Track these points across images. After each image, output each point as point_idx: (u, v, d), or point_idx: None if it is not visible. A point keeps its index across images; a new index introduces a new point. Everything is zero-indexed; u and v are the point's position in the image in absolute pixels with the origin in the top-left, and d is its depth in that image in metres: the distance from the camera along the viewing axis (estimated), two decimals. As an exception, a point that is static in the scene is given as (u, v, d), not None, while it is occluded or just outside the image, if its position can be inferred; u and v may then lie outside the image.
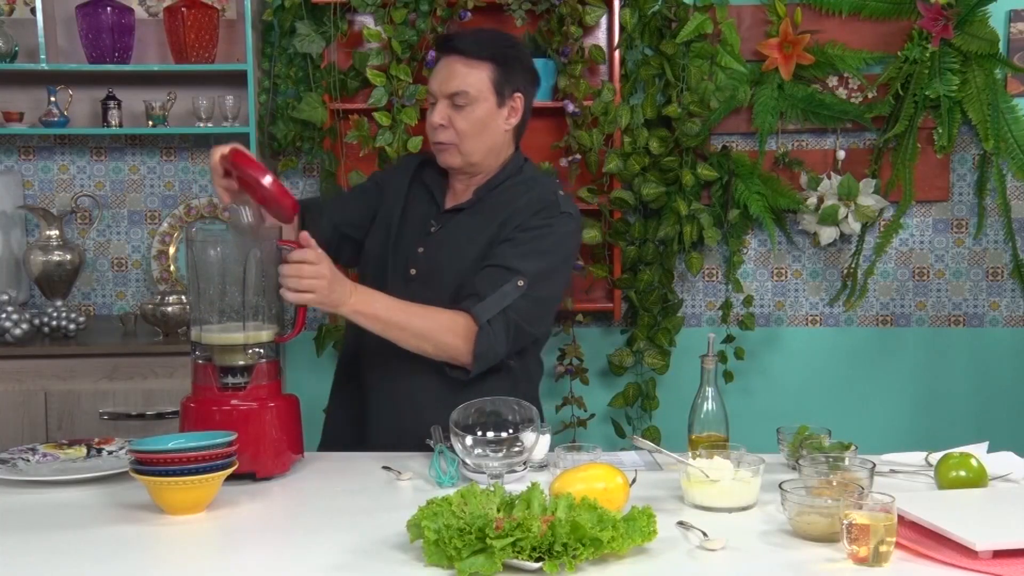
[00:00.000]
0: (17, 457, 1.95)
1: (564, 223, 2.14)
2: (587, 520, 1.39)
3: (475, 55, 2.12)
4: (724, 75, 3.45)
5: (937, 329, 3.67)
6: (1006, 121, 3.49)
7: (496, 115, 2.14)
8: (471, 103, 2.11)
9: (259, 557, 1.51)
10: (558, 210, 2.13)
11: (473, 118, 2.12)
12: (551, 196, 2.16)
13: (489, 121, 2.14)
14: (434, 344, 2.03)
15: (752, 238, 3.65)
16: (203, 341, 1.85)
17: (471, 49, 2.12)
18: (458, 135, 2.13)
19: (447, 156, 2.16)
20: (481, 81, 2.12)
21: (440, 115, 2.12)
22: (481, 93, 2.12)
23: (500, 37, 2.22)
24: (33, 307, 3.49)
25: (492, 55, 2.13)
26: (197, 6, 3.38)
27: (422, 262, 2.16)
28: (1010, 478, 1.79)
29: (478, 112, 2.12)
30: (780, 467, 1.88)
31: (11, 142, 3.58)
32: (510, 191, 2.18)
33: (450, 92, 2.12)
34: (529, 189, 2.18)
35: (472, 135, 2.13)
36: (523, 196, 2.16)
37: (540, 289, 2.08)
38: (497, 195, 2.18)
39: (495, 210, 2.16)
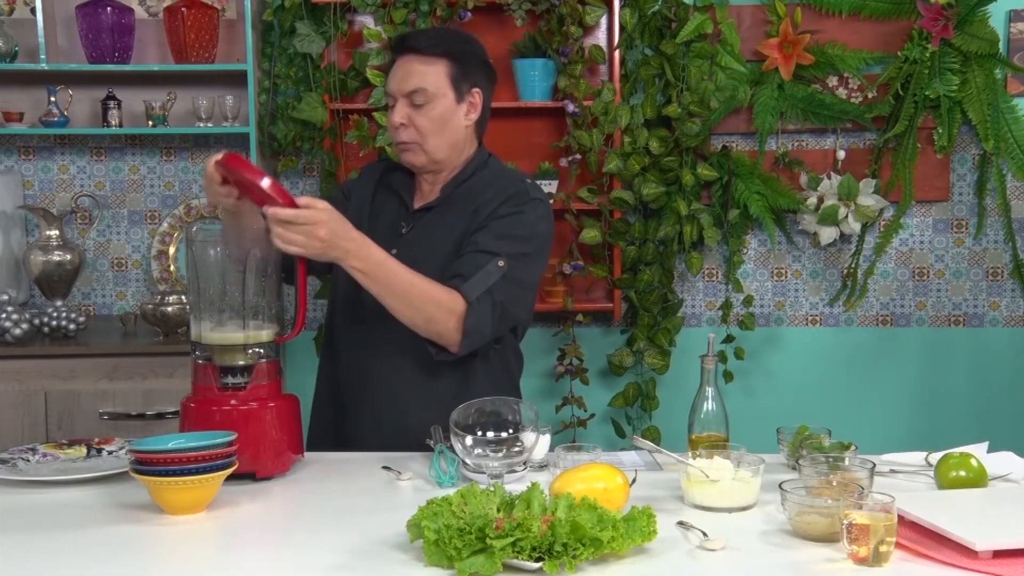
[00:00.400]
0: (17, 457, 1.95)
1: (535, 208, 2.15)
2: (587, 520, 1.39)
3: (431, 52, 2.12)
4: (724, 75, 3.45)
5: (937, 329, 3.67)
6: (1006, 121, 3.49)
7: (455, 111, 2.15)
8: (430, 100, 2.12)
9: (259, 557, 1.51)
10: (528, 196, 2.15)
11: (433, 115, 2.12)
12: (519, 185, 2.18)
13: (449, 117, 2.14)
14: (426, 317, 2.00)
15: (752, 238, 3.65)
16: (203, 341, 1.85)
17: (426, 46, 2.13)
18: (419, 133, 2.13)
19: (411, 156, 2.16)
20: (438, 78, 2.12)
21: (400, 114, 2.13)
22: (439, 90, 2.12)
23: (455, 34, 2.24)
24: (33, 307, 3.49)
25: (447, 51, 2.13)
26: (197, 6, 3.38)
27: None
28: (1010, 478, 1.79)
29: (437, 109, 2.12)
30: (780, 467, 1.88)
31: (11, 142, 3.58)
32: (477, 186, 2.19)
33: (408, 91, 2.12)
34: (496, 181, 2.19)
35: (433, 132, 2.13)
36: (490, 188, 2.17)
37: (519, 271, 2.09)
38: (464, 191, 2.19)
39: (464, 205, 2.16)
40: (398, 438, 2.08)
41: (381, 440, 2.10)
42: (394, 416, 2.14)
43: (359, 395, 2.18)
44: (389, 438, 2.10)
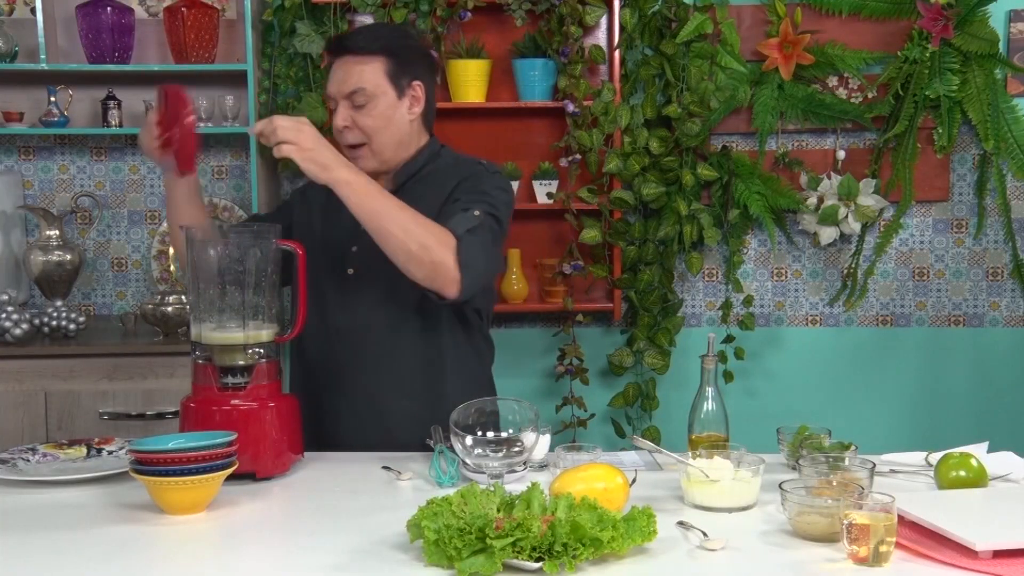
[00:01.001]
0: (17, 457, 1.95)
1: (493, 179, 2.16)
2: (587, 520, 1.39)
3: (366, 51, 2.11)
4: (724, 75, 3.45)
5: (937, 329, 3.67)
6: (1006, 121, 3.49)
7: (397, 107, 2.13)
8: (370, 100, 2.10)
9: (259, 557, 1.51)
10: (486, 172, 2.16)
11: (375, 114, 2.11)
12: (475, 167, 2.18)
13: (392, 114, 2.13)
14: (420, 243, 1.94)
15: (752, 238, 3.65)
16: (203, 341, 1.85)
17: (361, 45, 2.11)
18: (364, 134, 2.12)
19: (360, 161, 2.13)
20: (376, 75, 2.11)
21: (342, 117, 2.12)
22: (378, 87, 2.11)
23: (390, 29, 2.22)
24: (33, 307, 3.49)
25: (383, 48, 2.12)
26: (197, 6, 3.38)
27: (358, 260, 2.14)
28: (1010, 478, 1.79)
29: (379, 107, 2.11)
30: (780, 467, 1.88)
31: (11, 142, 3.58)
32: (432, 177, 2.18)
33: (347, 92, 2.10)
34: (452, 169, 2.19)
35: (378, 131, 2.12)
36: (448, 177, 2.16)
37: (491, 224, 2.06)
38: (419, 182, 2.17)
39: (422, 195, 2.11)
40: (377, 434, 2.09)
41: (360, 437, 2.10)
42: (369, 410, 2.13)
43: (332, 392, 2.17)
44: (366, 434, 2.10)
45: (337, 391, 2.16)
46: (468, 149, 3.45)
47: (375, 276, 2.11)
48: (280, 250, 1.92)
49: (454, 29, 3.43)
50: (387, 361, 2.13)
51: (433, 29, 3.35)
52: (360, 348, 2.14)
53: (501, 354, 3.64)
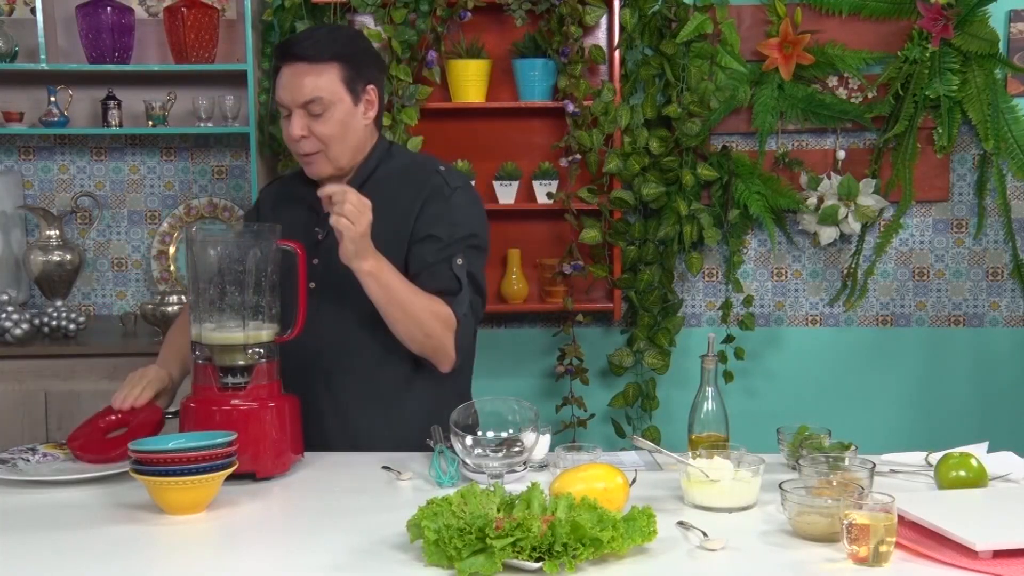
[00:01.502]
0: (17, 457, 1.94)
1: (461, 196, 2.14)
2: (587, 520, 1.39)
3: (320, 58, 2.05)
4: (724, 75, 3.45)
5: (937, 329, 3.67)
6: (1006, 121, 3.49)
7: (354, 113, 2.09)
8: (327, 108, 2.05)
9: (259, 557, 1.51)
10: (448, 187, 2.13)
11: (333, 122, 2.07)
12: (434, 177, 2.14)
13: (349, 121, 2.09)
14: (426, 331, 2.02)
15: (752, 238, 3.65)
16: (203, 341, 1.85)
17: (314, 53, 2.05)
18: (322, 142, 2.08)
19: (317, 167, 2.11)
20: (332, 83, 2.06)
21: (299, 127, 2.06)
22: (335, 95, 2.06)
23: (341, 33, 2.15)
24: (33, 307, 3.49)
25: (337, 54, 2.06)
26: (197, 6, 3.38)
27: (320, 273, 2.10)
28: (1010, 478, 1.79)
29: (336, 115, 2.07)
30: (780, 467, 1.88)
31: (11, 142, 3.58)
32: (387, 179, 2.15)
33: (303, 101, 2.05)
34: (408, 174, 2.16)
35: (336, 139, 2.08)
36: (405, 184, 2.13)
37: (473, 265, 2.11)
38: (374, 185, 2.13)
39: (378, 201, 2.06)
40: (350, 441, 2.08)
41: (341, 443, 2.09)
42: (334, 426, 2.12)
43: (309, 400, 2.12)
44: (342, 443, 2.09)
45: (314, 400, 2.11)
46: (468, 149, 3.50)
47: (338, 290, 2.07)
48: (280, 250, 1.91)
49: (454, 29, 3.43)
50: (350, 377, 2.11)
51: (433, 29, 3.35)
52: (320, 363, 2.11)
53: (501, 354, 3.68)
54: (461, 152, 3.48)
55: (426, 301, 2.02)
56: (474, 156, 3.48)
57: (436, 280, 2.06)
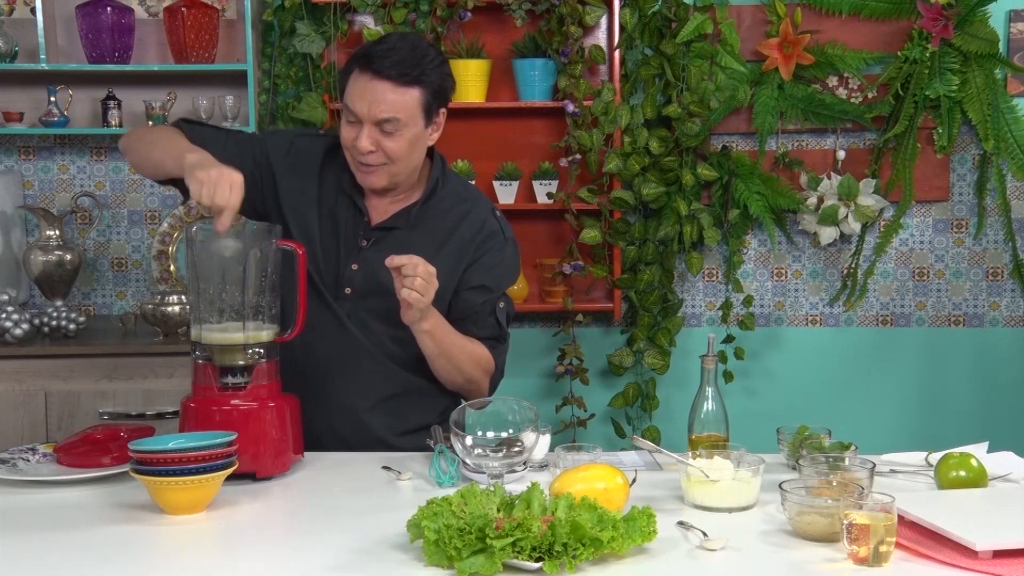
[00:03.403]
0: (17, 457, 1.94)
1: (512, 250, 2.25)
2: (587, 520, 1.39)
3: (405, 81, 2.03)
4: (724, 75, 3.45)
5: (937, 329, 3.67)
6: (1006, 121, 3.49)
7: (423, 135, 2.10)
8: (400, 128, 2.04)
9: (259, 557, 1.51)
10: (502, 238, 2.22)
11: (403, 141, 2.06)
12: (491, 223, 2.21)
13: (416, 142, 2.09)
14: (467, 377, 2.15)
15: (752, 238, 3.65)
16: (203, 341, 1.85)
17: (400, 74, 2.03)
18: (388, 158, 2.07)
19: (374, 179, 2.10)
20: (412, 106, 2.05)
21: (369, 141, 2.04)
22: (412, 118, 2.05)
23: (428, 56, 2.09)
24: (33, 307, 3.49)
25: (421, 78, 2.05)
26: (197, 6, 3.38)
27: (357, 281, 2.11)
28: (1010, 478, 1.79)
29: (407, 135, 2.06)
30: (780, 467, 1.88)
31: (11, 142, 3.58)
32: (441, 205, 2.18)
33: (379, 118, 2.03)
34: (463, 207, 2.19)
35: (403, 158, 2.08)
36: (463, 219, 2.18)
37: (509, 303, 2.27)
38: (432, 208, 2.16)
39: (428, 226, 2.14)
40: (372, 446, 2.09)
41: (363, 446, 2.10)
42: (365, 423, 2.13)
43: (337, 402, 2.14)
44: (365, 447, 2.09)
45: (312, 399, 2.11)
46: (468, 149, 3.50)
47: (370, 302, 2.10)
48: (280, 250, 1.91)
49: (454, 29, 3.43)
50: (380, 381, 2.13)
51: (433, 29, 3.35)
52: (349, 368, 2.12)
53: (501, 354, 3.67)
54: (461, 152, 3.48)
55: (470, 349, 2.14)
56: (474, 156, 3.48)
57: (481, 327, 2.17)
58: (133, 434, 1.89)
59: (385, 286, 2.00)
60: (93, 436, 1.94)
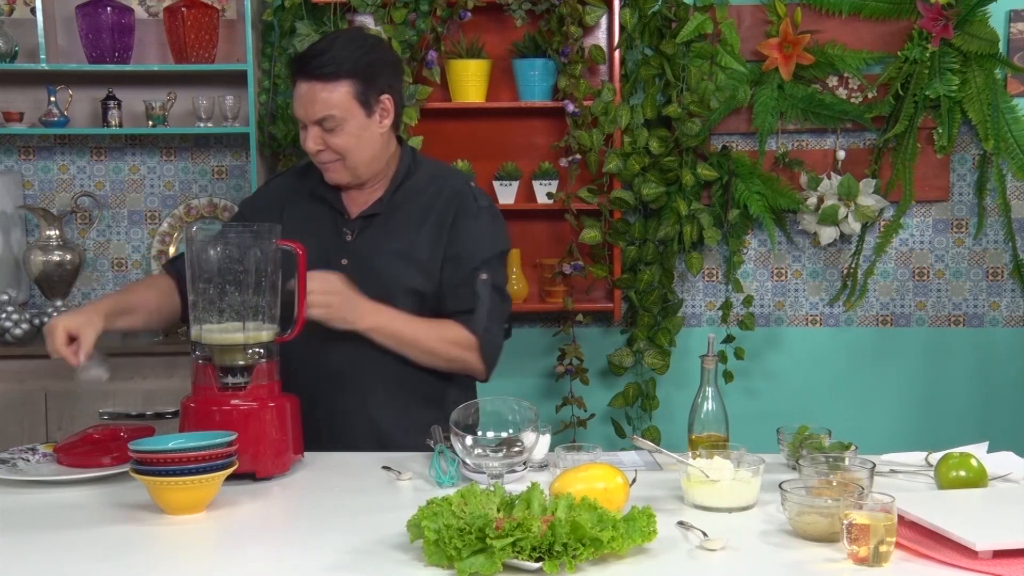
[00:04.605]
0: (17, 457, 1.94)
1: (487, 214, 2.21)
2: (587, 520, 1.39)
3: (332, 76, 2.08)
4: (724, 75, 3.45)
5: (937, 329, 3.67)
6: (1006, 121, 3.49)
7: (367, 125, 2.12)
8: (340, 124, 2.09)
9: (259, 557, 1.51)
10: (476, 204, 2.20)
11: (346, 135, 2.10)
12: (464, 189, 2.22)
13: (363, 133, 2.12)
14: (445, 359, 2.14)
15: (752, 238, 3.65)
16: (203, 341, 1.85)
17: (326, 70, 2.08)
18: (338, 154, 2.12)
19: (334, 174, 2.16)
20: (344, 99, 2.08)
21: (314, 141, 2.11)
22: (347, 111, 2.09)
23: (353, 47, 2.13)
24: (33, 307, 3.49)
25: (349, 71, 2.08)
26: (197, 6, 3.38)
27: (350, 272, 2.12)
28: (1010, 478, 1.79)
29: (349, 129, 2.10)
30: (780, 467, 1.88)
31: (11, 142, 3.58)
32: (416, 187, 2.21)
33: (316, 118, 2.09)
34: (438, 183, 2.22)
35: (352, 150, 2.12)
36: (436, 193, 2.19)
37: (498, 274, 2.20)
38: (404, 193, 2.20)
39: (408, 208, 2.18)
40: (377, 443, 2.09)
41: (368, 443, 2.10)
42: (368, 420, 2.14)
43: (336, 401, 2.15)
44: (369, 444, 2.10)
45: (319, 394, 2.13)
46: (468, 149, 3.50)
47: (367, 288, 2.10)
48: (280, 250, 1.92)
49: (454, 29, 3.43)
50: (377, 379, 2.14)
51: (433, 29, 3.35)
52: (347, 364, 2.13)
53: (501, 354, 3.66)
54: (461, 152, 3.48)
55: (438, 331, 2.11)
56: (474, 156, 3.48)
57: (458, 301, 2.15)
58: (133, 434, 1.89)
59: (378, 271, 2.07)
60: (93, 436, 1.94)
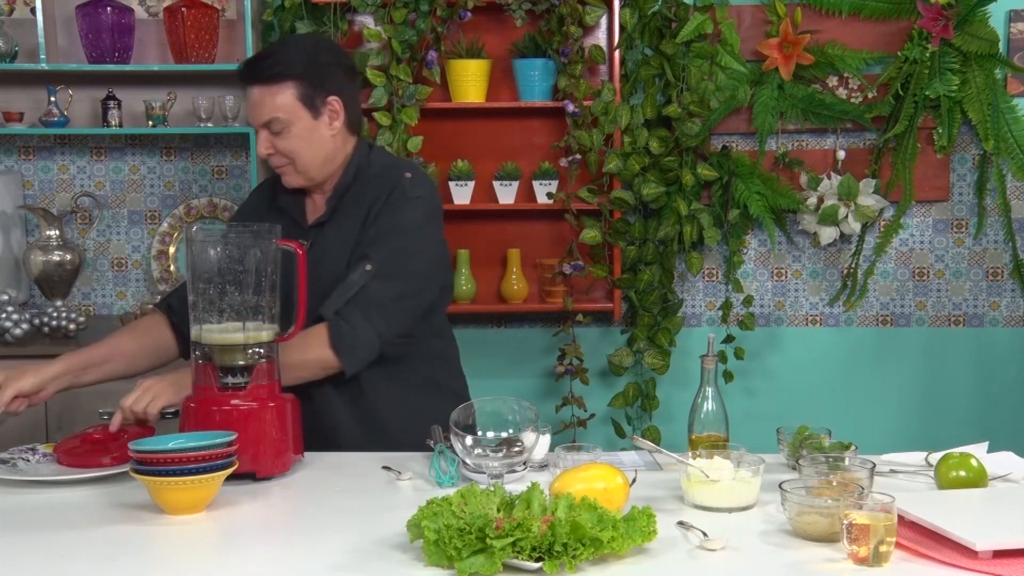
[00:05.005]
0: (17, 457, 1.95)
1: (413, 207, 2.13)
2: (587, 520, 1.39)
3: (274, 79, 2.09)
4: (724, 75, 3.45)
5: (937, 329, 3.67)
6: (1006, 121, 3.49)
7: (315, 127, 2.13)
8: (286, 126, 2.10)
9: (259, 557, 1.51)
10: (404, 196, 2.13)
11: (294, 138, 2.11)
12: (398, 181, 2.15)
13: (310, 135, 2.12)
14: (305, 368, 2.03)
15: (752, 238, 3.65)
16: (203, 341, 1.85)
17: (269, 73, 2.10)
18: (287, 157, 2.13)
19: (288, 178, 2.17)
20: (287, 102, 2.10)
21: (264, 145, 2.13)
22: (292, 114, 2.10)
23: (296, 49, 2.16)
24: (33, 307, 3.49)
25: (291, 73, 2.10)
26: (197, 6, 3.38)
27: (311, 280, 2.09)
28: (1010, 478, 1.79)
29: (296, 131, 2.11)
30: (780, 467, 1.88)
31: (11, 142, 3.58)
32: (363, 187, 2.17)
33: (263, 122, 2.11)
34: (378, 179, 2.17)
35: (300, 153, 2.13)
36: (380, 189, 2.15)
37: (394, 269, 2.08)
38: (353, 195, 2.18)
39: (355, 210, 2.15)
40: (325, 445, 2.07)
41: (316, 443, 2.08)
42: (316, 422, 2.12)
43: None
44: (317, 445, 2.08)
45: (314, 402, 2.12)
46: (468, 149, 3.50)
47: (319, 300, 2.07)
48: (280, 250, 1.92)
49: (454, 29, 3.43)
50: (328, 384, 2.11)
51: (433, 29, 3.35)
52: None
53: (501, 354, 3.68)
54: (461, 152, 3.48)
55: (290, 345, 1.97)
56: (474, 156, 3.48)
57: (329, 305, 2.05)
58: (133, 434, 1.89)
59: (330, 277, 2.04)
60: (93, 436, 1.94)
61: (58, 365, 2.08)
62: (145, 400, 1.94)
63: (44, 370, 2.05)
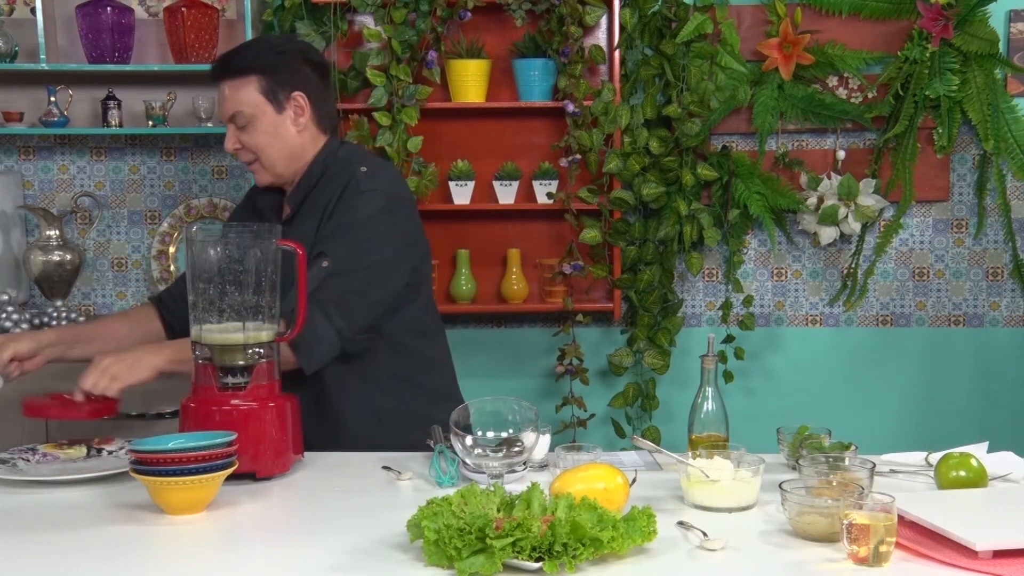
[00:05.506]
0: (17, 457, 1.95)
1: (367, 200, 2.10)
2: (587, 520, 1.39)
3: (237, 73, 2.12)
4: (724, 75, 3.45)
5: (937, 329, 3.67)
6: (1006, 121, 3.49)
7: (279, 121, 2.14)
8: (250, 120, 2.13)
9: (259, 557, 1.51)
10: (358, 189, 2.11)
11: (258, 132, 2.13)
12: (354, 175, 2.13)
13: (274, 130, 2.14)
14: None
15: (752, 238, 3.65)
16: (203, 341, 1.85)
17: (232, 67, 2.13)
18: (252, 152, 2.15)
19: (257, 175, 2.20)
20: (250, 95, 2.12)
21: (230, 140, 2.16)
22: (255, 107, 2.13)
23: (263, 45, 2.21)
24: (33, 307, 3.49)
25: (254, 66, 2.12)
26: (197, 6, 3.38)
27: None
28: (1010, 478, 1.79)
29: (260, 126, 2.13)
30: (780, 467, 1.88)
31: (11, 142, 3.58)
32: (332, 183, 2.16)
33: (228, 115, 2.14)
34: (336, 175, 2.15)
35: (265, 147, 2.14)
36: (340, 181, 2.14)
37: (352, 264, 2.05)
38: (316, 192, 2.17)
39: (316, 206, 2.15)
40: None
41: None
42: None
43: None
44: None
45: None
46: (468, 149, 3.51)
47: None
48: (280, 250, 1.92)
49: (454, 29, 3.43)
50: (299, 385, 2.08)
51: (433, 29, 3.35)
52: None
53: (501, 354, 3.68)
54: (461, 152, 3.48)
55: None
56: (474, 156, 3.48)
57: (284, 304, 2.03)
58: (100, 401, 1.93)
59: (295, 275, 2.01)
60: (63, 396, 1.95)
61: (52, 333, 2.16)
62: (103, 383, 1.94)
63: (39, 335, 2.12)
